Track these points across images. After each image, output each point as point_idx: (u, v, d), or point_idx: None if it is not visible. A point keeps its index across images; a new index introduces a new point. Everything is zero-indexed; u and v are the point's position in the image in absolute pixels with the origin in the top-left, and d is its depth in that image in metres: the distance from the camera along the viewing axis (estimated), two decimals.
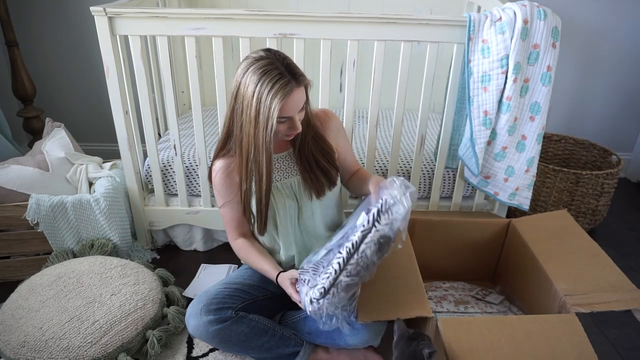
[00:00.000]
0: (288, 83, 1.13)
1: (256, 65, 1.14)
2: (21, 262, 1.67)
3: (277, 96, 1.11)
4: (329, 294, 1.11)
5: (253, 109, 1.14)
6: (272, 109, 1.12)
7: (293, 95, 1.14)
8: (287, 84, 1.13)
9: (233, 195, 1.31)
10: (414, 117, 2.26)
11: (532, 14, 1.41)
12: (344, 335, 1.27)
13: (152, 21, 1.49)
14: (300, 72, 1.17)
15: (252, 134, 1.17)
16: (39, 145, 1.80)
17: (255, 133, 1.16)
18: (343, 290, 1.12)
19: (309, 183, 1.32)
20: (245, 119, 1.17)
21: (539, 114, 1.52)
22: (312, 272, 1.18)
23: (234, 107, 1.20)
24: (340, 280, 1.11)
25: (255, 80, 1.13)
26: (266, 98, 1.12)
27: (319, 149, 1.34)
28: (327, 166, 1.34)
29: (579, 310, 1.19)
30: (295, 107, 1.17)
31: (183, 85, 2.29)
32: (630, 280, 1.28)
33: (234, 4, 2.21)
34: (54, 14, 2.18)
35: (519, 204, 1.67)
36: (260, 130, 1.15)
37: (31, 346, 1.26)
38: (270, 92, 1.11)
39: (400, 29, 1.49)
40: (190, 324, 1.27)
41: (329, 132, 1.37)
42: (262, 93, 1.12)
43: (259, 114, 1.14)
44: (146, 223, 1.81)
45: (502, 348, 1.10)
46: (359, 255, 1.11)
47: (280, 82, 1.12)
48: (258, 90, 1.12)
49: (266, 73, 1.12)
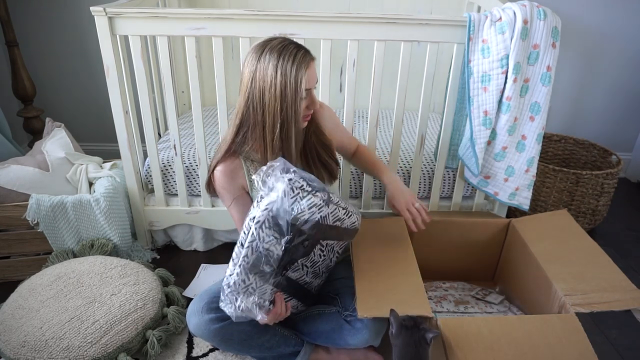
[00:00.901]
0: (307, 53, 1.18)
1: (270, 46, 1.16)
2: (21, 262, 1.67)
3: (302, 66, 1.15)
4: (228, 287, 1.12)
5: (278, 85, 1.14)
6: (299, 78, 1.14)
7: (312, 65, 1.19)
8: (307, 54, 1.17)
9: (240, 193, 1.31)
10: (414, 117, 2.26)
11: (532, 14, 1.41)
12: (344, 336, 1.27)
13: (152, 21, 1.49)
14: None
15: (278, 111, 1.16)
16: (39, 145, 1.80)
17: (283, 109, 1.16)
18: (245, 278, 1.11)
19: None
20: (269, 99, 1.16)
21: (539, 114, 1.52)
22: None
23: (249, 95, 1.18)
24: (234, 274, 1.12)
25: (275, 57, 1.14)
26: (291, 70, 1.14)
27: (320, 142, 1.35)
28: (328, 160, 1.35)
29: (579, 310, 1.19)
30: (315, 78, 1.21)
31: (183, 85, 2.29)
32: (630, 280, 1.28)
33: (234, 4, 2.21)
34: (54, 14, 2.18)
35: (519, 204, 1.67)
36: (289, 104, 1.16)
37: (31, 346, 1.26)
38: (294, 64, 1.14)
39: (400, 29, 1.49)
40: (192, 322, 1.27)
41: (324, 122, 1.39)
42: (286, 67, 1.14)
43: (285, 88, 1.14)
44: (146, 223, 1.81)
45: (502, 348, 1.10)
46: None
47: (301, 53, 1.16)
48: (281, 65, 1.14)
49: (284, 48, 1.15)
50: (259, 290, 1.12)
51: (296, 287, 1.24)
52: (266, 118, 1.18)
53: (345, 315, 1.29)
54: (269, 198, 1.10)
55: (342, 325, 1.27)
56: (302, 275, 1.23)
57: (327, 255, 1.25)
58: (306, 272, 1.23)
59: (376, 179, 1.57)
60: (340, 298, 1.33)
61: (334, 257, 1.29)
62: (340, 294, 1.34)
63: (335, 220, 1.19)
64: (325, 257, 1.26)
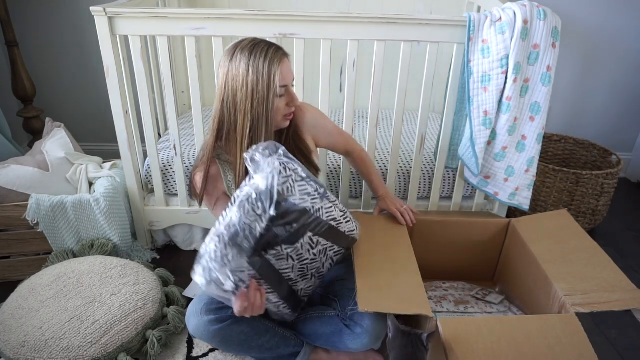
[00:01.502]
0: (279, 49, 1.16)
1: (241, 46, 1.16)
2: (21, 262, 1.67)
3: (275, 61, 1.13)
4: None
5: (249, 83, 1.13)
6: (272, 74, 1.13)
7: (285, 61, 1.17)
8: (279, 50, 1.16)
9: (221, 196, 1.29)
10: (414, 117, 2.26)
11: (532, 14, 1.41)
12: (344, 340, 1.26)
13: (152, 21, 1.49)
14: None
15: (249, 109, 1.15)
16: (39, 145, 1.80)
17: (254, 107, 1.14)
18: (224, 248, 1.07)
19: None
20: (240, 98, 1.14)
21: (539, 114, 1.52)
22: None
23: (223, 97, 1.17)
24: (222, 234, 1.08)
25: (246, 56, 1.14)
26: (263, 66, 1.13)
27: (298, 148, 1.33)
28: (306, 165, 1.32)
29: (579, 310, 1.19)
30: (289, 75, 1.19)
31: (183, 85, 2.29)
32: (630, 280, 1.28)
33: (234, 4, 2.21)
34: (54, 14, 2.18)
35: (519, 204, 1.67)
36: (261, 101, 1.14)
37: (31, 346, 1.26)
38: (266, 60, 1.13)
39: (400, 29, 1.49)
40: (191, 323, 1.26)
41: (305, 127, 1.36)
42: (258, 63, 1.13)
43: (257, 85, 1.13)
44: (146, 223, 1.81)
45: (502, 348, 1.10)
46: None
47: (272, 49, 1.15)
48: (252, 62, 1.13)
49: (255, 46, 1.15)
50: (234, 263, 1.07)
51: (279, 280, 1.19)
52: (238, 117, 1.17)
53: (344, 319, 1.28)
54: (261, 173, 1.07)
55: (342, 330, 1.27)
56: (287, 269, 1.18)
57: (318, 256, 1.21)
58: (292, 265, 1.18)
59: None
60: (339, 301, 1.32)
61: (326, 262, 1.25)
62: (339, 297, 1.33)
63: (330, 218, 1.17)
64: (316, 259, 1.21)
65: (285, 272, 1.19)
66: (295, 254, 1.17)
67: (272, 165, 1.07)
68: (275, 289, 1.19)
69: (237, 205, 1.07)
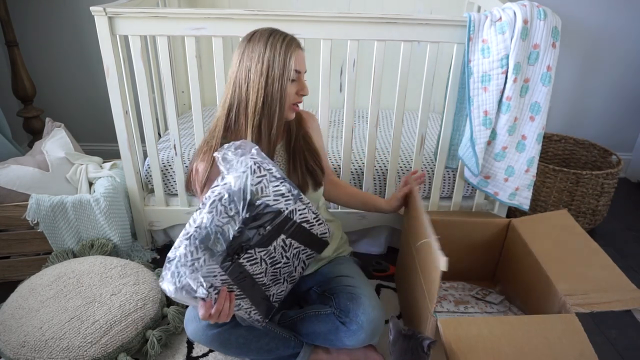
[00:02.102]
0: (295, 39, 1.19)
1: (259, 33, 1.18)
2: (21, 262, 1.67)
3: (292, 44, 1.16)
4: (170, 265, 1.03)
5: (265, 60, 1.14)
6: (289, 54, 1.15)
7: (301, 52, 1.20)
8: (295, 39, 1.19)
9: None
10: (414, 117, 2.26)
11: (532, 13, 1.41)
12: (340, 337, 1.26)
13: (152, 21, 1.49)
14: None
15: (263, 86, 1.15)
16: (39, 145, 1.80)
17: (267, 84, 1.15)
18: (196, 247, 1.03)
19: (293, 179, 1.29)
20: (254, 74, 1.15)
21: (539, 114, 1.52)
22: None
23: (237, 75, 1.17)
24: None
25: (264, 41, 1.15)
26: (281, 47, 1.15)
27: (308, 148, 1.34)
28: (314, 166, 1.33)
29: (579, 310, 1.19)
30: (304, 63, 1.21)
31: (183, 85, 2.29)
32: (630, 280, 1.28)
33: (234, 4, 2.21)
34: (54, 14, 2.18)
35: (519, 204, 1.67)
36: (275, 79, 1.15)
37: (31, 346, 1.26)
38: (283, 43, 1.15)
39: (400, 29, 1.49)
40: (189, 328, 1.26)
41: (312, 131, 1.40)
42: (276, 44, 1.15)
43: (273, 62, 1.14)
44: (146, 223, 1.81)
45: (502, 348, 1.10)
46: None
47: (290, 37, 1.18)
48: (270, 42, 1.15)
49: (273, 33, 1.17)
50: (205, 268, 1.02)
51: (252, 285, 1.14)
52: (250, 94, 1.16)
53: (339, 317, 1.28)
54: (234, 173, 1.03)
55: (338, 327, 1.27)
56: (260, 273, 1.13)
57: (291, 259, 1.17)
58: (265, 269, 1.14)
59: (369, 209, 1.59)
60: (335, 298, 1.32)
61: (299, 266, 1.21)
62: (335, 294, 1.33)
63: (303, 221, 1.13)
64: (289, 262, 1.17)
65: (258, 276, 1.14)
66: (268, 257, 1.13)
67: (245, 164, 1.03)
68: (247, 295, 1.14)
69: (208, 206, 1.03)
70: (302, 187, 1.31)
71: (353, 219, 1.78)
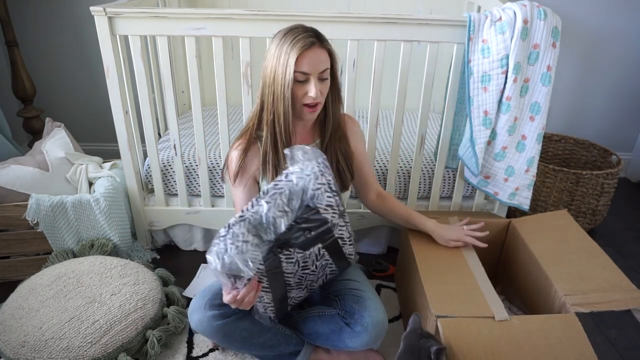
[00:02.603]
0: (310, 37, 1.17)
1: (285, 29, 1.20)
2: (21, 262, 1.67)
3: (298, 45, 1.15)
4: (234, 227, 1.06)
5: (274, 60, 1.17)
6: (290, 56, 1.15)
7: (313, 50, 1.17)
8: (309, 37, 1.17)
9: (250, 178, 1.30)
10: (414, 117, 2.26)
11: (532, 13, 1.41)
12: (343, 338, 1.27)
13: (152, 21, 1.49)
14: (326, 39, 1.21)
15: (271, 85, 1.19)
16: (39, 145, 1.80)
17: (275, 82, 1.18)
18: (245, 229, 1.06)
19: None
20: (267, 73, 1.19)
21: (539, 114, 1.52)
22: None
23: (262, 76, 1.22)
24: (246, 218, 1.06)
25: (280, 36, 1.18)
26: (287, 47, 1.16)
27: (342, 150, 1.35)
28: (345, 169, 1.35)
29: (579, 310, 1.19)
30: (314, 64, 1.17)
31: (183, 85, 2.29)
32: (630, 280, 1.28)
33: (234, 4, 2.21)
34: (54, 14, 2.18)
35: (519, 204, 1.67)
36: (280, 80, 1.17)
37: (31, 346, 1.26)
38: (292, 42, 1.16)
39: (400, 29, 1.49)
40: (194, 318, 1.26)
41: (351, 135, 1.40)
42: (284, 44, 1.16)
43: (279, 64, 1.16)
44: (146, 223, 1.81)
45: (502, 348, 1.10)
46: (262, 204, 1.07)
47: (303, 35, 1.17)
48: (282, 42, 1.17)
49: (292, 29, 1.18)
50: (251, 251, 1.05)
51: (279, 282, 1.20)
52: (266, 92, 1.21)
53: (344, 318, 1.28)
54: (299, 173, 1.09)
55: (341, 328, 1.27)
56: (290, 274, 1.20)
57: (317, 269, 1.24)
58: (295, 271, 1.20)
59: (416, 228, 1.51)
60: (340, 300, 1.32)
61: (320, 279, 1.28)
62: (340, 296, 1.34)
63: (340, 236, 1.19)
64: (315, 271, 1.24)
65: (288, 276, 1.20)
66: (302, 260, 1.19)
67: (311, 168, 1.09)
68: (272, 290, 1.19)
69: (268, 196, 1.08)
70: None
71: (353, 219, 1.78)
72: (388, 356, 1.37)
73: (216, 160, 1.76)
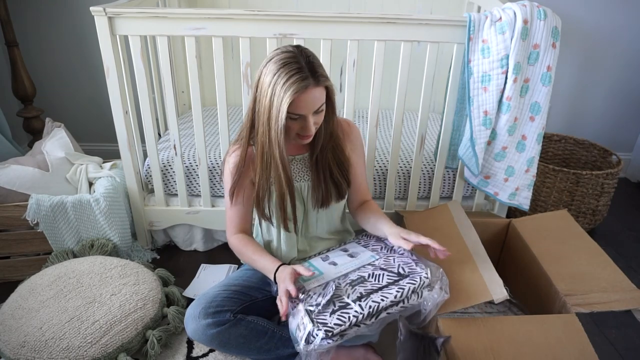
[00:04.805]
0: (305, 79, 1.12)
1: (279, 57, 1.14)
2: (21, 262, 1.67)
3: (291, 89, 1.11)
4: (331, 339, 1.09)
5: (268, 99, 1.14)
6: (283, 101, 1.11)
7: (308, 92, 1.13)
8: (304, 79, 1.11)
9: (243, 189, 1.30)
10: (414, 117, 2.26)
11: (532, 14, 1.41)
12: None
13: (152, 21, 1.48)
14: (322, 73, 1.16)
15: (265, 123, 1.17)
16: (39, 145, 1.80)
17: (269, 123, 1.16)
18: (342, 338, 1.12)
19: (317, 191, 1.32)
20: (261, 108, 1.18)
21: (539, 114, 1.52)
22: (316, 304, 1.14)
23: (256, 95, 1.20)
24: (347, 333, 1.11)
25: (273, 70, 1.13)
26: (280, 90, 1.12)
27: (336, 159, 1.33)
28: (339, 178, 1.33)
29: (579, 310, 1.19)
30: (309, 106, 1.15)
31: (183, 85, 2.29)
32: (630, 280, 1.28)
33: (234, 4, 2.21)
34: (54, 14, 2.18)
35: (519, 204, 1.67)
36: (273, 122, 1.15)
37: (31, 346, 1.26)
38: (285, 85, 1.11)
39: (400, 29, 1.49)
40: (189, 327, 1.26)
41: (349, 143, 1.38)
42: (277, 84, 1.12)
43: (272, 105, 1.14)
44: (146, 223, 1.81)
45: (502, 348, 1.10)
46: (375, 319, 1.12)
47: (297, 76, 1.11)
48: (275, 80, 1.12)
49: (285, 65, 1.12)
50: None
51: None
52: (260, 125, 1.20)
53: None
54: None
55: None
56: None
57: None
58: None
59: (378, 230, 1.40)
60: None
61: None
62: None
63: None
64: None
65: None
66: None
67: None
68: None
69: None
70: (324, 199, 1.32)
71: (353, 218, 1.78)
72: (387, 356, 1.37)
73: (216, 160, 1.76)
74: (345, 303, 1.13)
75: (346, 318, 1.10)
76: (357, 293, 1.15)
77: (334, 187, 1.33)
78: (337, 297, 1.15)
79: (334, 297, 1.15)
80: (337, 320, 1.10)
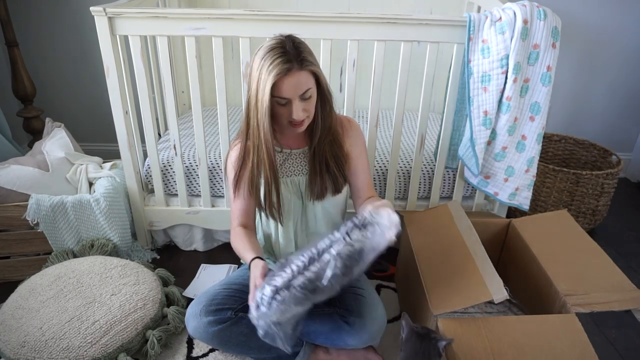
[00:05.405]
0: (288, 62, 1.13)
1: (267, 44, 1.17)
2: (21, 262, 1.67)
3: (274, 71, 1.12)
4: (278, 294, 1.04)
5: (255, 83, 1.16)
6: (267, 83, 1.13)
7: (292, 75, 1.14)
8: (287, 62, 1.13)
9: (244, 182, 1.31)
10: (414, 117, 2.26)
11: (532, 14, 1.41)
12: (343, 336, 1.27)
13: (152, 21, 1.49)
14: (308, 58, 1.16)
15: (254, 108, 1.19)
16: (39, 145, 1.80)
17: (257, 106, 1.17)
18: (292, 300, 1.04)
19: (313, 184, 1.32)
20: (251, 94, 1.19)
21: (539, 114, 1.52)
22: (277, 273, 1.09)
23: (248, 84, 1.22)
24: (292, 285, 1.04)
25: (260, 55, 1.16)
26: (265, 72, 1.14)
27: (333, 153, 1.33)
28: (336, 172, 1.33)
29: (579, 310, 1.19)
30: (293, 89, 1.16)
31: (183, 85, 2.29)
32: (630, 280, 1.28)
33: (234, 4, 2.21)
34: (54, 14, 2.18)
35: (519, 204, 1.67)
36: (260, 105, 1.16)
37: (31, 346, 1.26)
38: (269, 67, 1.13)
39: (400, 29, 1.49)
40: (190, 325, 1.27)
41: (347, 139, 1.37)
42: (263, 67, 1.14)
43: (258, 89, 1.15)
44: (146, 223, 1.81)
45: (502, 348, 1.10)
46: (319, 266, 1.05)
47: (281, 59, 1.13)
48: (261, 65, 1.15)
49: (272, 50, 1.15)
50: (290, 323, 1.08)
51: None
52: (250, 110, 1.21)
53: (343, 316, 1.28)
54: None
55: (341, 326, 1.27)
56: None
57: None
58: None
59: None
60: (338, 298, 1.33)
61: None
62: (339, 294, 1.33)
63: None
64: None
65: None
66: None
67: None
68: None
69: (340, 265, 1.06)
70: (320, 192, 1.32)
71: None
72: (388, 357, 1.37)
73: (216, 160, 1.76)
74: (290, 261, 1.09)
75: (289, 269, 1.06)
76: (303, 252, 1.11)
77: (330, 180, 1.33)
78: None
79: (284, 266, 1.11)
80: (282, 275, 1.06)
